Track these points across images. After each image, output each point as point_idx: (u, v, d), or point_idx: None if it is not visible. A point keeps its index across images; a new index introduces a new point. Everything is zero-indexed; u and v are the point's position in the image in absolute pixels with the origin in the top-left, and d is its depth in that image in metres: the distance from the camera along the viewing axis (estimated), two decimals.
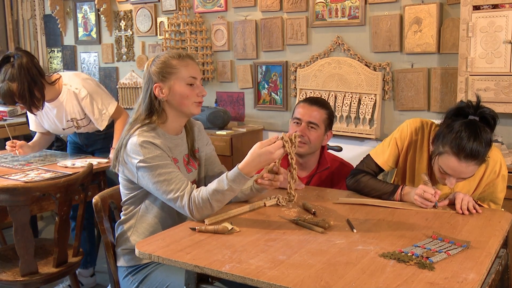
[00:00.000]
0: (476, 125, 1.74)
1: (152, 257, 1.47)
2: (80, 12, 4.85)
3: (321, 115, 2.26)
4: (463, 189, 1.94)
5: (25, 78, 2.50)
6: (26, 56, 2.54)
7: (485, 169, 1.90)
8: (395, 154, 2.03)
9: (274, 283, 1.26)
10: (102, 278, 3.14)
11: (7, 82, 2.49)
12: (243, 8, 3.88)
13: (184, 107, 1.84)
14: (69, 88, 2.75)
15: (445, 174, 1.80)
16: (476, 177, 1.92)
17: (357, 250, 1.46)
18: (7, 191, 2.02)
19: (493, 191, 1.94)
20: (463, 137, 1.71)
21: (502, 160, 1.92)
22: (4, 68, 2.52)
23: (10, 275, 2.19)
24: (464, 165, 1.74)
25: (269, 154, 1.63)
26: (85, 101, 2.77)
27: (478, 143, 1.71)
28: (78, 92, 2.75)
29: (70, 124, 2.87)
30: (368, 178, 2.00)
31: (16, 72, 2.49)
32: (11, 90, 2.49)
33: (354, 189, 2.04)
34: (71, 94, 2.76)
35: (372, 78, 3.34)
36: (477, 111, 1.77)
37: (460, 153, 1.72)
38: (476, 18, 2.71)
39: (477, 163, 1.75)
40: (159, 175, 1.72)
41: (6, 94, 2.51)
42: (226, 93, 4.10)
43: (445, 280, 1.27)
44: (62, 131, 2.97)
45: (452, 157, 1.74)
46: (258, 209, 1.87)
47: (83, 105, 2.78)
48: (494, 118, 1.78)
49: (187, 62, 1.85)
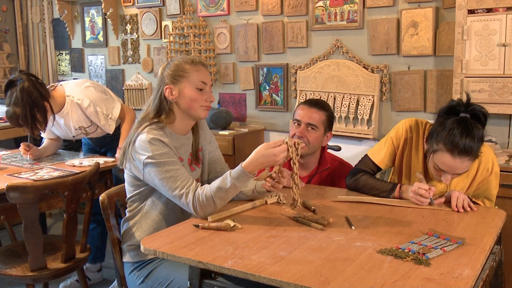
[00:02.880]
0: (468, 122, 1.77)
1: (157, 253, 1.48)
2: (88, 16, 4.90)
3: (320, 116, 2.27)
4: (457, 187, 1.96)
5: (27, 103, 2.54)
6: (28, 80, 2.56)
7: (478, 167, 1.94)
8: (391, 152, 2.06)
9: (275, 278, 1.27)
10: (109, 273, 3.16)
11: (12, 106, 2.55)
12: (245, 12, 3.91)
13: (192, 110, 1.87)
14: (72, 99, 2.77)
15: (440, 171, 1.83)
16: (469, 175, 1.95)
17: (356, 247, 1.47)
18: (17, 189, 2.05)
19: (487, 188, 1.96)
20: (456, 134, 1.74)
21: (494, 158, 1.95)
22: (9, 92, 2.57)
23: (20, 270, 2.21)
24: (459, 161, 1.76)
25: (273, 156, 1.65)
26: (89, 110, 2.79)
27: (471, 139, 1.73)
28: (81, 103, 2.77)
29: (78, 132, 2.91)
30: (367, 177, 2.03)
31: (19, 97, 2.53)
32: (16, 114, 2.55)
33: (353, 188, 2.07)
34: (75, 105, 2.78)
35: (370, 80, 3.37)
36: (468, 109, 1.80)
37: (454, 150, 1.74)
38: (471, 22, 2.73)
39: (471, 159, 1.77)
40: (166, 171, 1.74)
41: (12, 118, 2.57)
42: (228, 94, 4.13)
43: (441, 275, 1.28)
44: (73, 138, 3.01)
45: (446, 154, 1.77)
46: (259, 207, 1.88)
47: (88, 114, 2.80)
48: (485, 114, 1.80)
49: (199, 68, 1.88)
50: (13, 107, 2.55)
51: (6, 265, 2.25)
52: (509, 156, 2.72)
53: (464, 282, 1.24)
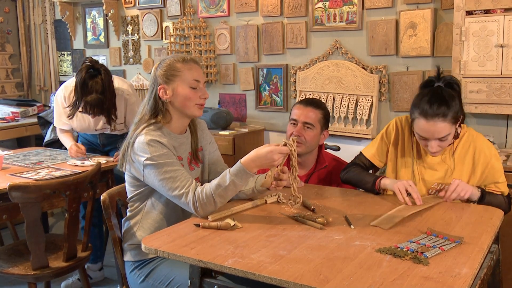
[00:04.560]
0: (439, 88, 1.88)
1: (157, 252, 1.49)
2: (89, 17, 4.91)
3: (316, 115, 2.29)
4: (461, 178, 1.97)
5: (111, 92, 2.65)
6: (107, 69, 2.66)
7: (473, 155, 1.98)
8: (382, 148, 2.13)
9: (275, 277, 1.28)
10: (110, 272, 3.17)
11: (96, 94, 2.62)
12: (245, 13, 3.92)
13: (186, 109, 1.87)
14: (121, 93, 2.79)
15: (425, 140, 1.90)
16: (469, 166, 1.98)
17: (355, 246, 1.48)
18: (19, 189, 2.06)
19: (493, 173, 1.98)
20: (426, 100, 1.85)
21: (487, 144, 2.00)
22: (91, 80, 2.62)
23: (22, 269, 2.22)
24: (432, 123, 1.84)
25: (272, 154, 1.67)
26: (132, 106, 2.83)
27: (440, 101, 1.83)
28: (130, 98, 2.80)
29: (106, 126, 2.90)
30: (356, 169, 2.13)
31: (106, 85, 2.62)
32: (102, 101, 2.62)
33: (346, 180, 2.16)
34: (122, 99, 2.80)
35: (369, 80, 3.39)
36: (440, 79, 1.91)
37: (426, 113, 1.84)
38: (469, 23, 2.74)
39: (444, 120, 1.84)
40: (165, 172, 1.75)
41: (97, 105, 2.64)
42: (228, 95, 4.15)
43: (439, 274, 1.29)
44: (94, 131, 3.01)
45: (421, 119, 1.86)
46: (259, 206, 1.89)
47: (129, 110, 2.82)
48: (457, 83, 1.93)
49: (191, 66, 1.88)
50: (97, 95, 2.60)
51: (8, 264, 2.26)
52: (506, 156, 2.74)
53: (462, 281, 1.25)
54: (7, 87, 5.33)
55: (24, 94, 5.48)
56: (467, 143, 1.99)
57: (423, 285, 1.24)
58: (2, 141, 4.08)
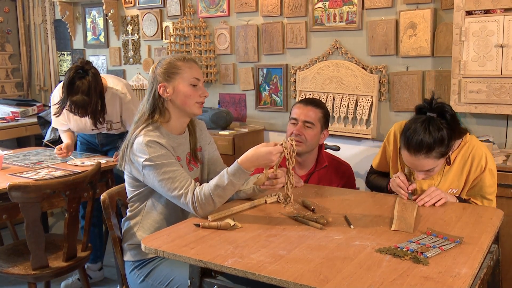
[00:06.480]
0: (428, 119, 1.79)
1: (157, 252, 1.50)
2: (89, 17, 4.91)
3: (316, 114, 2.30)
4: (452, 185, 1.98)
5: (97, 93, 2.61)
6: (96, 70, 2.62)
7: (471, 165, 1.95)
8: (385, 157, 2.17)
9: (274, 277, 1.29)
10: (110, 272, 3.17)
11: (81, 95, 2.58)
12: (245, 13, 3.92)
13: (186, 107, 1.88)
14: (115, 91, 2.77)
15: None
16: (463, 174, 1.97)
17: (355, 246, 1.48)
18: (19, 189, 2.06)
19: (482, 186, 1.96)
20: (411, 132, 1.79)
21: (488, 155, 1.96)
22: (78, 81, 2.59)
23: (22, 269, 2.22)
24: (415, 158, 1.81)
25: (270, 155, 1.68)
26: (128, 105, 2.81)
27: (425, 136, 1.76)
28: (124, 97, 2.78)
29: (102, 126, 2.88)
30: (373, 177, 2.26)
31: (92, 86, 2.58)
32: (86, 102, 2.58)
33: (369, 188, 2.28)
34: (116, 98, 2.78)
35: (368, 80, 3.39)
36: (433, 108, 1.83)
37: (409, 147, 1.80)
38: (469, 23, 2.74)
39: (428, 157, 1.79)
40: (164, 173, 1.76)
41: (82, 106, 2.60)
42: (228, 95, 4.15)
43: (439, 274, 1.29)
44: (91, 131, 3.00)
45: (405, 151, 1.84)
46: (259, 206, 1.90)
47: (124, 108, 2.81)
48: (450, 112, 1.83)
49: (191, 65, 1.90)
50: (82, 96, 2.57)
51: (8, 264, 2.27)
52: (506, 156, 2.74)
53: (462, 281, 1.25)
54: (7, 87, 5.33)
55: (24, 94, 5.48)
56: (466, 154, 1.96)
57: (423, 285, 1.24)
58: (2, 141, 4.09)
